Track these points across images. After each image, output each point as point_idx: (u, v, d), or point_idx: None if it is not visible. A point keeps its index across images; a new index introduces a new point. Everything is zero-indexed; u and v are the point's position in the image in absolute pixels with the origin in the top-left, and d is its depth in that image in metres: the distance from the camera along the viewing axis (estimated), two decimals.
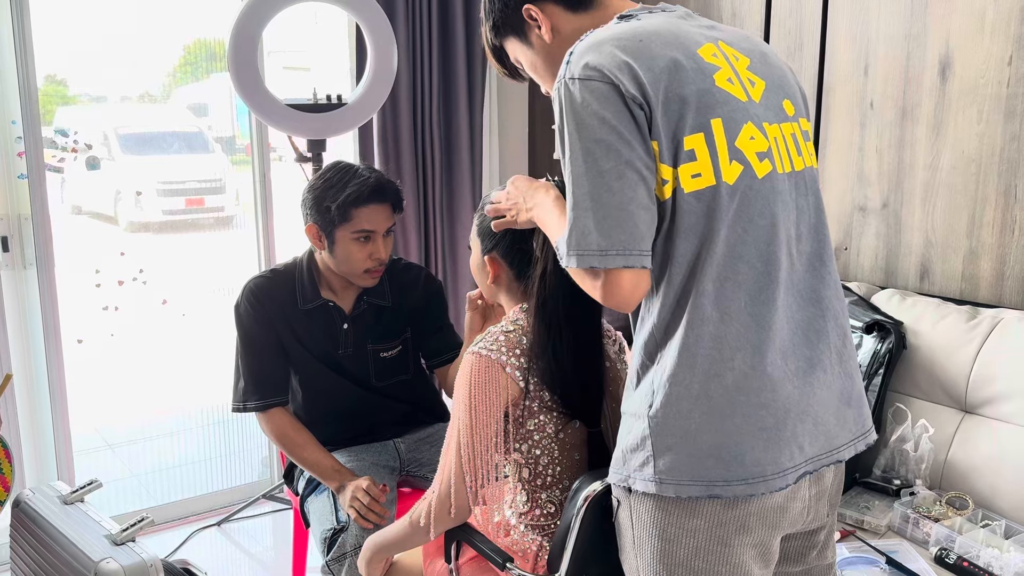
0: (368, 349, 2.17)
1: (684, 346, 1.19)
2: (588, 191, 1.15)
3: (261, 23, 2.53)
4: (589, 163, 1.15)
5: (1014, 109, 2.20)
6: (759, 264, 1.21)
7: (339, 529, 1.96)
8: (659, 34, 1.22)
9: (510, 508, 1.62)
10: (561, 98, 1.19)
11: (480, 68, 3.36)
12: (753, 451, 1.18)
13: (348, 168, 2.07)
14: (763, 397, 1.19)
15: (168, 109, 3.51)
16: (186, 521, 3.10)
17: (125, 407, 3.27)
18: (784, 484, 1.20)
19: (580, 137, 1.16)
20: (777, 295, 1.22)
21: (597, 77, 1.16)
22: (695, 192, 1.18)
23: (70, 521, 1.82)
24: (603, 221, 1.14)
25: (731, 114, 1.21)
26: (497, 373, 1.50)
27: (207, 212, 3.72)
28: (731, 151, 1.20)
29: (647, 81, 1.16)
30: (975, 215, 2.31)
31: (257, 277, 2.14)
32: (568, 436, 1.55)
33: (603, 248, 1.15)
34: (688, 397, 1.19)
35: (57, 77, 3.17)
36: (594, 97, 1.15)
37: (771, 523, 1.23)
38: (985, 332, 2.09)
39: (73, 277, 2.97)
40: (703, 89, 1.19)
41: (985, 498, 1.98)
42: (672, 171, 1.18)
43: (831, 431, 1.27)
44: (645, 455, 1.21)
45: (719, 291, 1.19)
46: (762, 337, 1.20)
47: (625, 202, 1.15)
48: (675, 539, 1.22)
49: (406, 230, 3.30)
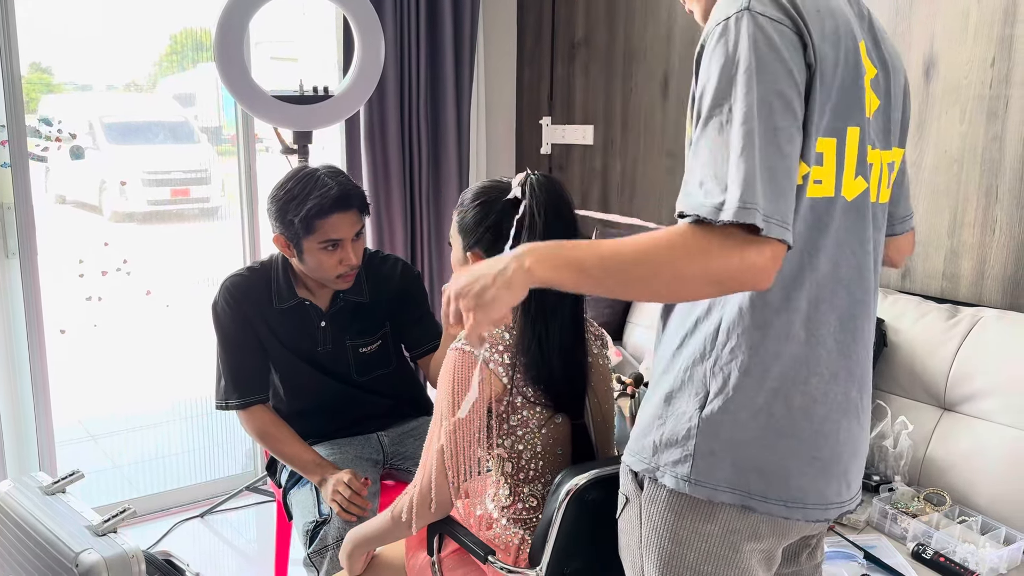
0: (347, 345, 2.17)
1: (759, 358, 1.11)
2: (759, 146, 0.98)
3: (248, 13, 2.52)
4: (764, 115, 0.98)
5: (996, 110, 2.22)
6: (858, 292, 1.15)
7: (321, 522, 1.96)
8: (833, 13, 1.08)
9: (492, 502, 1.63)
10: (738, 30, 1.00)
11: (468, 61, 3.36)
12: (801, 477, 1.14)
13: (309, 177, 2.01)
14: (827, 427, 1.15)
15: (154, 99, 3.48)
16: (169, 513, 3.10)
17: (108, 398, 3.26)
18: (824, 517, 1.17)
19: (760, 81, 0.99)
20: (863, 326, 1.17)
21: (788, 23, 1.01)
22: (813, 200, 1.08)
23: (51, 512, 1.82)
24: (768, 184, 0.97)
25: (865, 127, 1.11)
26: (480, 369, 1.50)
27: (192, 202, 3.70)
28: (859, 165, 1.11)
29: (819, 52, 1.03)
30: (957, 214, 2.33)
31: (234, 275, 2.13)
32: (551, 431, 1.56)
33: (768, 213, 0.96)
34: (749, 408, 1.12)
35: (42, 65, 3.14)
36: (784, 41, 1.00)
37: (781, 532, 1.20)
38: (964, 330, 2.11)
39: (56, 267, 2.95)
40: (851, 91, 1.08)
41: (963, 494, 2.01)
42: (806, 168, 1.05)
43: (861, 470, 1.25)
44: (684, 453, 1.15)
45: (812, 312, 1.11)
46: (842, 367, 1.15)
47: (791, 170, 1.00)
48: (686, 542, 1.18)
49: (392, 223, 3.30)
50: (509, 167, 3.78)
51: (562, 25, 3.52)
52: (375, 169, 3.21)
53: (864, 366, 1.19)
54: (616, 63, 3.32)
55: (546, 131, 3.62)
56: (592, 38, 3.41)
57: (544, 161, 3.66)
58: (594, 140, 3.45)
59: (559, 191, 1.56)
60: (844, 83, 1.08)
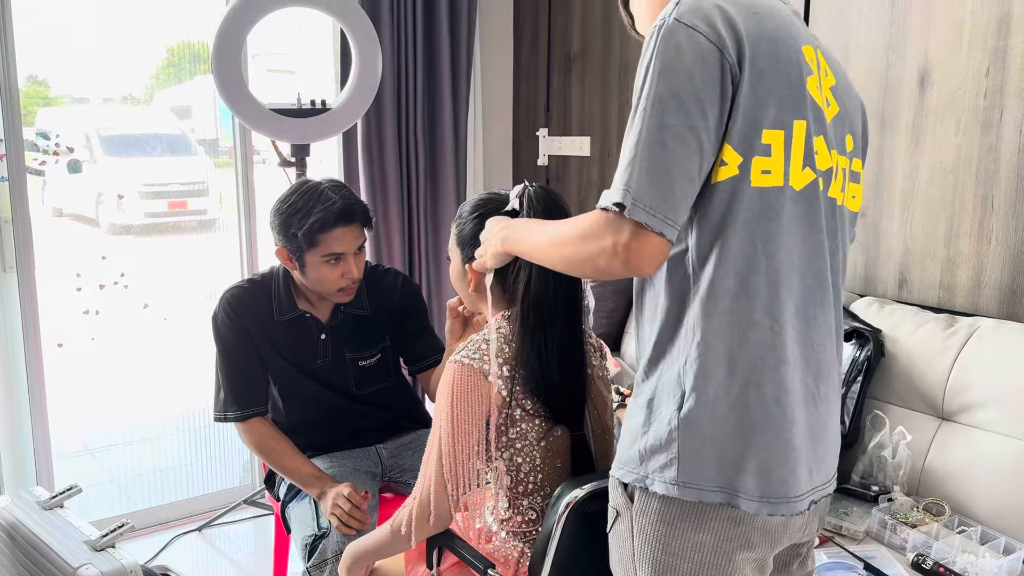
0: (347, 358, 2.17)
1: (728, 348, 1.14)
2: (646, 138, 1.08)
3: (246, 27, 2.53)
4: (656, 111, 1.08)
5: (991, 121, 2.24)
6: (810, 279, 1.19)
7: (320, 535, 1.95)
8: (772, 15, 1.17)
9: (492, 514, 1.63)
10: (658, 35, 1.10)
11: (464, 74, 3.37)
12: (781, 470, 1.16)
13: (312, 190, 2.01)
14: (795, 414, 1.17)
15: (151, 111, 3.48)
16: (167, 526, 3.08)
17: (106, 411, 3.25)
18: (801, 509, 1.19)
19: (659, 81, 1.08)
20: (818, 315, 1.20)
21: (704, 31, 1.09)
22: (761, 188, 1.13)
23: (49, 527, 1.81)
24: (644, 174, 1.07)
25: (812, 121, 1.16)
26: (479, 381, 1.50)
27: (190, 215, 3.70)
28: (806, 157, 1.16)
29: (748, 52, 1.11)
30: (953, 225, 2.34)
31: (234, 287, 2.13)
32: (550, 443, 1.56)
33: (636, 198, 1.07)
34: (725, 402, 1.14)
35: (39, 78, 3.14)
36: (692, 50, 1.08)
37: (773, 539, 1.21)
38: (962, 340, 2.12)
39: (54, 281, 2.95)
40: (795, 86, 1.14)
41: (962, 504, 2.01)
42: (739, 159, 1.11)
43: (829, 463, 1.27)
44: (670, 456, 1.16)
45: (772, 298, 1.15)
46: (803, 355, 1.18)
47: (673, 165, 1.08)
48: (679, 553, 1.19)
49: (390, 236, 3.30)
50: (506, 178, 3.79)
51: (558, 38, 3.54)
52: (372, 181, 3.22)
53: (819, 355, 1.21)
54: (612, 75, 3.33)
55: (543, 143, 3.63)
56: (588, 51, 3.42)
57: (541, 172, 3.67)
58: (590, 151, 3.46)
59: (557, 202, 1.57)
60: (786, 79, 1.14)
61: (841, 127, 1.24)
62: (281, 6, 2.56)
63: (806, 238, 1.17)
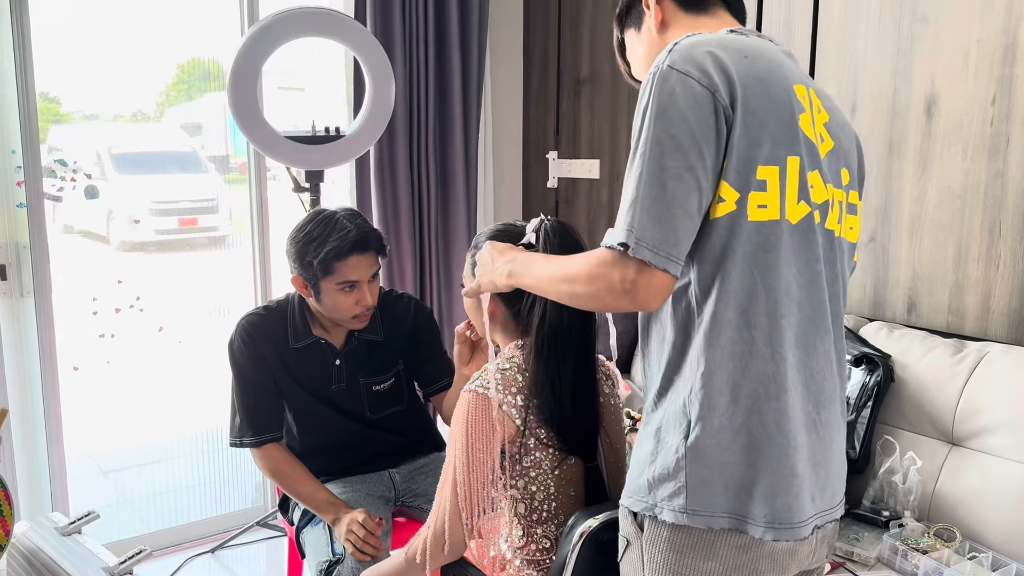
0: (361, 383, 2.19)
1: (731, 377, 1.18)
2: (647, 179, 1.14)
3: (262, 57, 2.57)
4: (655, 153, 1.14)
5: (998, 147, 2.26)
6: (808, 309, 1.22)
7: (335, 561, 1.97)
8: (763, 57, 1.22)
9: (506, 543, 1.65)
10: (653, 81, 1.16)
11: (475, 98, 3.41)
12: (785, 495, 1.19)
13: (328, 219, 2.05)
14: (798, 441, 1.20)
15: (161, 128, 3.52)
16: (180, 548, 3.10)
17: (120, 434, 3.28)
18: (803, 535, 1.21)
19: (656, 125, 1.14)
20: (818, 344, 1.23)
21: (696, 76, 1.15)
22: (758, 223, 1.17)
23: (68, 554, 1.83)
24: (646, 214, 1.13)
25: (806, 157, 1.21)
26: (493, 411, 1.53)
27: (200, 232, 3.73)
28: (800, 191, 1.20)
29: (740, 94, 1.16)
30: (961, 250, 2.36)
31: (250, 314, 2.16)
32: (564, 472, 1.58)
33: (640, 237, 1.13)
34: (729, 429, 1.18)
35: (50, 95, 3.18)
36: (686, 94, 1.14)
37: (781, 566, 1.24)
38: (971, 366, 2.13)
39: (70, 305, 2.98)
40: (787, 124, 1.19)
41: (973, 530, 2.01)
42: (736, 195, 1.16)
43: (834, 488, 1.29)
44: (678, 485, 1.20)
45: (773, 328, 1.19)
46: (804, 383, 1.22)
47: (673, 204, 1.13)
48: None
49: (402, 260, 3.33)
50: (516, 202, 3.82)
51: (567, 62, 3.58)
52: (384, 205, 3.25)
53: (820, 383, 1.24)
54: (621, 99, 3.37)
55: (552, 165, 3.67)
56: (597, 75, 3.46)
57: (551, 195, 3.70)
58: (600, 174, 3.49)
59: (572, 236, 1.59)
60: (778, 118, 1.19)
61: (836, 161, 1.29)
62: (297, 36, 2.60)
63: (804, 269, 1.21)
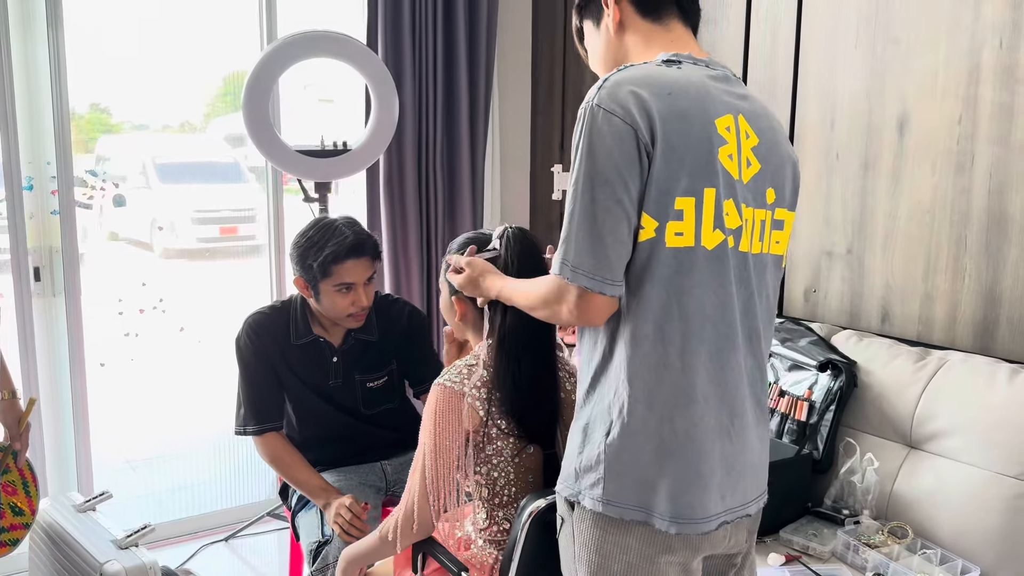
0: (356, 380, 2.36)
1: (646, 387, 1.31)
2: (580, 212, 1.27)
3: (272, 78, 2.77)
4: (586, 188, 1.27)
5: (963, 164, 2.36)
6: (722, 327, 1.34)
7: (324, 542, 2.14)
8: (688, 93, 1.32)
9: (472, 525, 1.80)
10: (585, 119, 1.29)
11: (483, 112, 3.57)
12: (687, 494, 1.33)
13: (328, 227, 2.23)
14: (706, 447, 1.33)
15: (205, 139, 3.66)
16: (196, 536, 3.30)
17: (143, 428, 3.48)
18: (707, 529, 1.35)
19: (586, 162, 1.27)
20: (730, 358, 1.36)
21: (620, 114, 1.26)
22: (675, 248, 1.29)
23: (82, 527, 2.03)
24: (581, 243, 1.27)
25: (722, 188, 1.32)
26: (458, 402, 1.68)
27: (240, 240, 3.88)
28: (716, 219, 1.31)
29: (659, 130, 1.27)
30: (930, 262, 2.46)
31: (256, 312, 2.34)
32: (523, 460, 1.73)
33: (575, 266, 1.28)
34: (643, 433, 1.31)
35: (101, 105, 3.29)
36: (611, 132, 1.26)
37: (693, 547, 1.37)
38: (931, 372, 2.24)
39: (99, 304, 3.19)
40: (705, 158, 1.30)
41: (926, 529, 2.11)
42: (655, 223, 1.28)
43: (748, 489, 1.42)
44: (597, 476, 1.34)
45: (684, 344, 1.31)
46: (717, 395, 1.35)
47: (604, 233, 1.26)
48: (610, 555, 1.36)
49: (409, 268, 3.50)
50: (523, 212, 3.97)
51: (572, 78, 3.73)
52: (393, 215, 3.42)
53: (733, 394, 1.37)
54: None
55: (557, 178, 3.81)
56: None
57: (556, 206, 3.84)
58: None
59: (531, 242, 1.75)
60: (697, 153, 1.30)
61: (762, 183, 1.40)
62: (305, 57, 2.80)
63: (718, 291, 1.33)
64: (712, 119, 1.33)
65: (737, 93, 1.41)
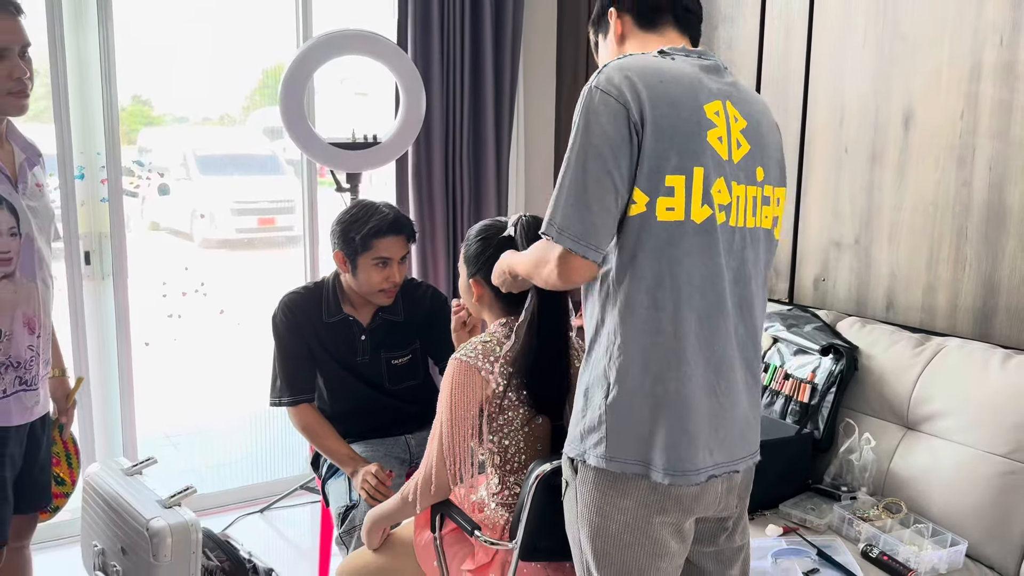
0: (382, 357, 2.52)
1: (642, 351, 1.43)
2: (571, 180, 1.40)
3: (307, 74, 2.93)
4: (580, 159, 1.39)
5: (965, 158, 2.45)
6: (711, 295, 1.46)
7: (351, 506, 2.30)
8: (679, 82, 1.45)
9: (486, 490, 1.95)
10: (585, 98, 1.42)
11: (508, 105, 3.69)
12: (678, 449, 1.45)
13: (370, 205, 2.43)
14: (692, 403, 1.46)
15: (245, 131, 3.79)
16: (234, 507, 3.49)
17: (185, 404, 3.68)
18: (696, 481, 1.47)
19: (582, 136, 1.40)
20: (719, 324, 1.49)
21: (614, 95, 1.40)
22: (665, 222, 1.42)
23: (130, 489, 2.21)
24: (570, 208, 1.39)
25: (711, 167, 1.43)
26: (474, 376, 1.82)
27: (278, 231, 4.02)
28: (704, 196, 1.43)
29: (649, 114, 1.39)
30: (933, 252, 2.56)
31: (291, 292, 2.51)
32: (533, 429, 1.87)
33: (561, 228, 1.40)
34: (639, 393, 1.44)
35: (143, 98, 3.42)
36: (606, 110, 1.39)
37: (686, 508, 1.50)
38: (928, 357, 2.34)
39: (144, 288, 3.38)
40: (694, 140, 1.42)
41: (920, 505, 2.22)
42: (646, 198, 1.40)
43: (735, 446, 1.54)
44: (600, 436, 1.47)
45: (676, 311, 1.43)
46: (705, 357, 1.47)
47: (591, 201, 1.38)
48: (609, 515, 1.50)
49: (436, 255, 3.65)
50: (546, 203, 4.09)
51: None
52: (421, 205, 3.57)
53: (720, 356, 1.49)
54: None
55: None
56: None
57: None
58: None
59: None
60: (685, 135, 1.42)
61: (752, 162, 1.52)
62: (337, 55, 2.95)
63: (707, 262, 1.46)
64: (701, 104, 1.45)
65: (726, 81, 1.54)
